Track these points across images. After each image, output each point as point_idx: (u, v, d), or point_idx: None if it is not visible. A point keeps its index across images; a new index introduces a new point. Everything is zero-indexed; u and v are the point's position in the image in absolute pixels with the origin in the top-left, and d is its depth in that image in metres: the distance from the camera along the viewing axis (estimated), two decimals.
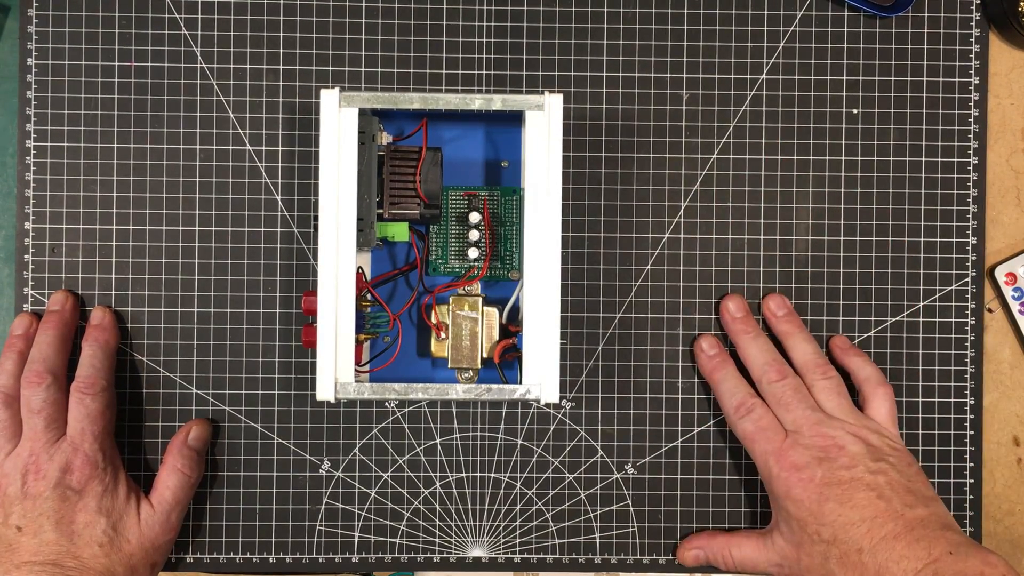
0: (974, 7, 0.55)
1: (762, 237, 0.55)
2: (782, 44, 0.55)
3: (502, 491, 0.55)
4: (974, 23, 0.55)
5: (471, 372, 0.51)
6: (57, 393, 0.49)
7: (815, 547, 0.47)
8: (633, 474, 0.55)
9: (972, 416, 0.55)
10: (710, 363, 0.53)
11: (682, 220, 0.55)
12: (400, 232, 0.50)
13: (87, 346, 0.51)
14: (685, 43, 0.55)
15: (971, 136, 0.55)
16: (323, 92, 0.46)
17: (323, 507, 0.54)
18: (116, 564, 0.48)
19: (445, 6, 0.54)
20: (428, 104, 0.47)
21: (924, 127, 0.55)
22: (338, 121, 0.46)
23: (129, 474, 0.51)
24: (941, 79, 0.55)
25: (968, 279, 0.55)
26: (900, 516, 0.45)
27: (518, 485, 0.55)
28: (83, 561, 0.47)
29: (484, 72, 0.54)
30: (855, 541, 0.45)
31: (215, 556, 0.54)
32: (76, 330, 0.53)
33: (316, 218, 0.47)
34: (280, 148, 0.54)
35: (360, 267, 0.48)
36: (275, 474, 0.54)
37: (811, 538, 0.47)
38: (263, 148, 0.54)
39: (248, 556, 0.54)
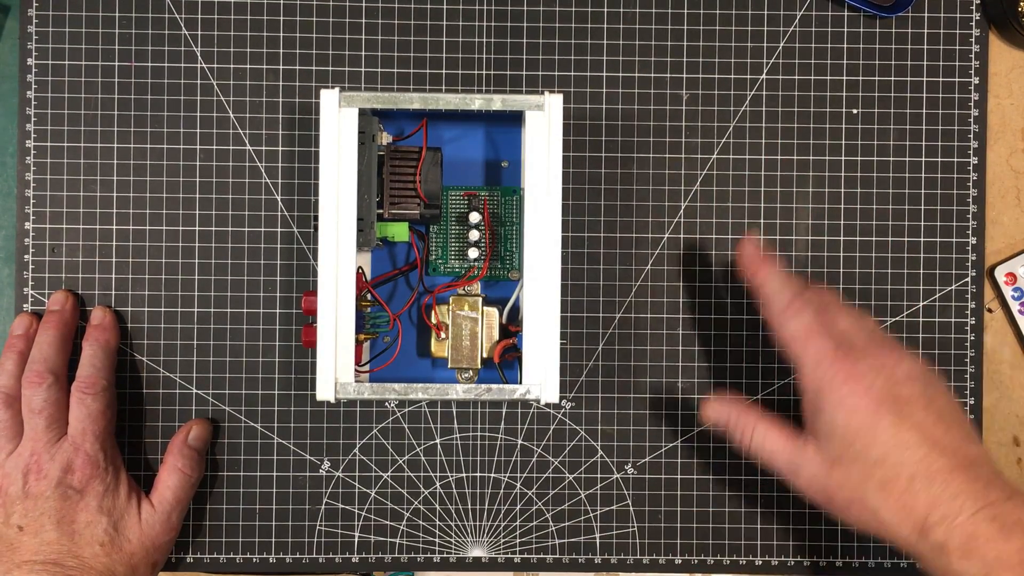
0: (974, 7, 0.55)
1: (762, 237, 0.55)
2: (782, 44, 0.55)
3: (502, 491, 0.55)
4: (974, 23, 0.55)
5: (471, 372, 0.51)
6: (58, 393, 0.49)
7: (854, 465, 0.42)
8: (633, 474, 0.55)
9: (972, 416, 0.55)
10: (755, 261, 0.48)
11: (682, 220, 0.55)
12: (400, 232, 0.50)
13: (87, 346, 0.51)
14: (685, 43, 0.55)
15: (971, 136, 0.55)
16: (323, 92, 0.46)
17: (323, 507, 0.54)
18: (117, 563, 0.48)
19: (445, 6, 0.54)
20: (428, 104, 0.47)
21: (924, 127, 0.55)
22: (338, 121, 0.46)
23: (130, 474, 0.51)
24: (941, 79, 0.55)
25: (968, 279, 0.55)
26: (958, 449, 0.41)
27: (518, 485, 0.55)
28: (84, 560, 0.47)
29: (484, 72, 0.54)
30: (908, 466, 0.41)
31: (215, 556, 0.54)
32: (76, 330, 0.53)
33: (316, 218, 0.47)
34: (280, 148, 0.54)
35: (360, 267, 0.48)
36: (275, 474, 0.54)
37: (855, 455, 0.42)
38: (263, 148, 0.54)
39: (248, 556, 0.54)
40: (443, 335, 0.51)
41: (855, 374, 0.43)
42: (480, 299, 0.51)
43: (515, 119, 0.53)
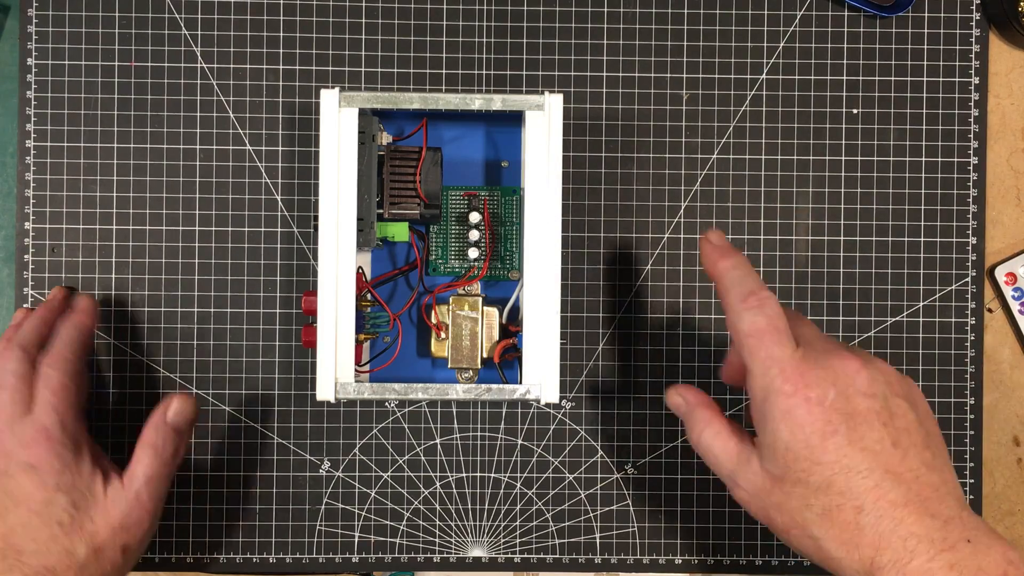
0: (974, 7, 0.55)
1: (762, 237, 0.55)
2: (782, 44, 0.55)
3: (502, 491, 0.55)
4: (974, 23, 0.55)
5: (471, 372, 0.51)
6: (25, 368, 0.47)
7: (796, 488, 0.38)
8: (633, 474, 0.55)
9: (972, 416, 0.55)
10: (715, 251, 0.42)
11: (682, 220, 0.55)
12: (400, 232, 0.50)
13: (60, 325, 0.49)
14: (685, 43, 0.55)
15: (971, 136, 0.55)
16: (323, 92, 0.46)
17: (323, 507, 0.54)
18: (78, 544, 0.45)
19: (445, 6, 0.54)
20: (428, 104, 0.47)
21: (924, 127, 0.55)
22: (338, 121, 0.46)
23: (105, 455, 0.49)
24: (941, 79, 0.55)
25: (968, 279, 0.55)
26: (917, 478, 0.37)
27: (518, 485, 0.55)
28: (40, 544, 0.44)
29: (484, 72, 0.54)
30: (855, 495, 0.36)
31: (215, 556, 0.54)
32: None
33: (316, 218, 0.47)
34: (280, 148, 0.54)
35: (360, 267, 0.48)
36: (275, 474, 0.54)
37: (797, 477, 0.37)
38: (263, 148, 0.54)
39: (248, 556, 0.54)
40: (443, 335, 0.51)
41: (807, 382, 0.38)
42: (480, 299, 0.51)
43: (515, 119, 0.53)
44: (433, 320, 0.51)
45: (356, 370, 0.47)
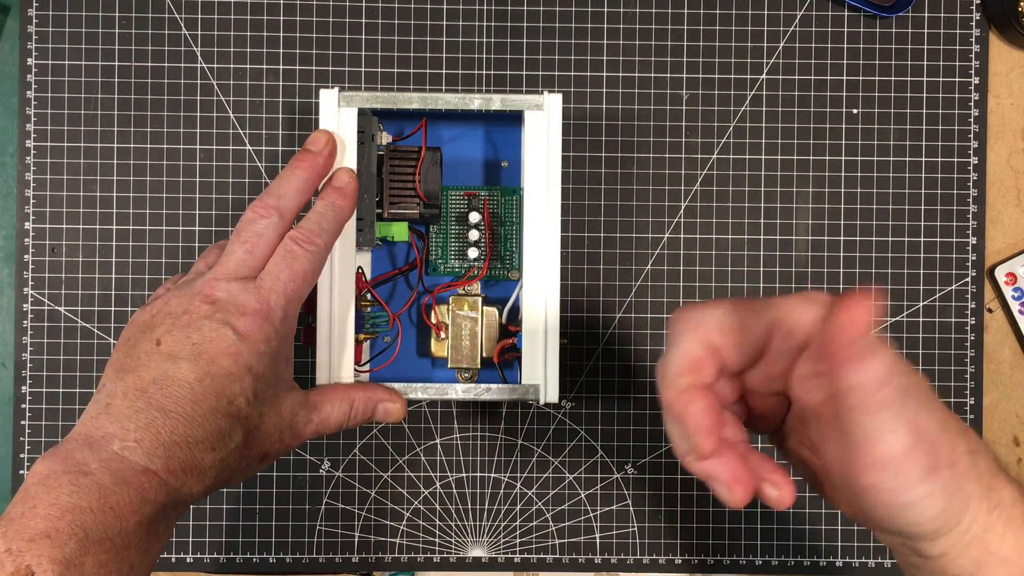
0: (974, 7, 0.55)
1: (762, 237, 0.55)
2: (782, 44, 0.55)
3: (502, 491, 0.55)
4: (974, 23, 0.55)
5: (471, 372, 0.51)
6: (274, 236, 0.42)
7: None
8: (633, 474, 0.55)
9: (972, 416, 0.55)
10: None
11: (682, 220, 0.55)
12: (400, 232, 0.50)
13: (320, 202, 0.44)
14: (685, 43, 0.55)
15: (971, 136, 0.55)
16: (323, 92, 0.46)
17: (323, 507, 0.54)
18: (235, 431, 0.39)
19: (445, 6, 0.54)
20: (428, 104, 0.47)
21: (924, 127, 0.55)
22: (337, 121, 0.46)
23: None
24: (941, 79, 0.55)
25: (968, 279, 0.55)
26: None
27: (518, 485, 0.55)
28: (197, 410, 0.38)
29: (484, 72, 0.54)
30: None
31: (215, 556, 0.54)
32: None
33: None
34: (280, 148, 0.54)
35: (360, 267, 0.48)
36: (275, 474, 0.54)
37: None
38: (263, 148, 0.54)
39: (248, 556, 0.54)
40: (443, 335, 0.51)
41: None
42: (480, 299, 0.51)
43: (515, 119, 0.53)
44: (433, 320, 0.51)
45: (356, 370, 0.47)
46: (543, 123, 0.47)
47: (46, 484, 0.35)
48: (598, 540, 0.55)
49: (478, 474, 0.55)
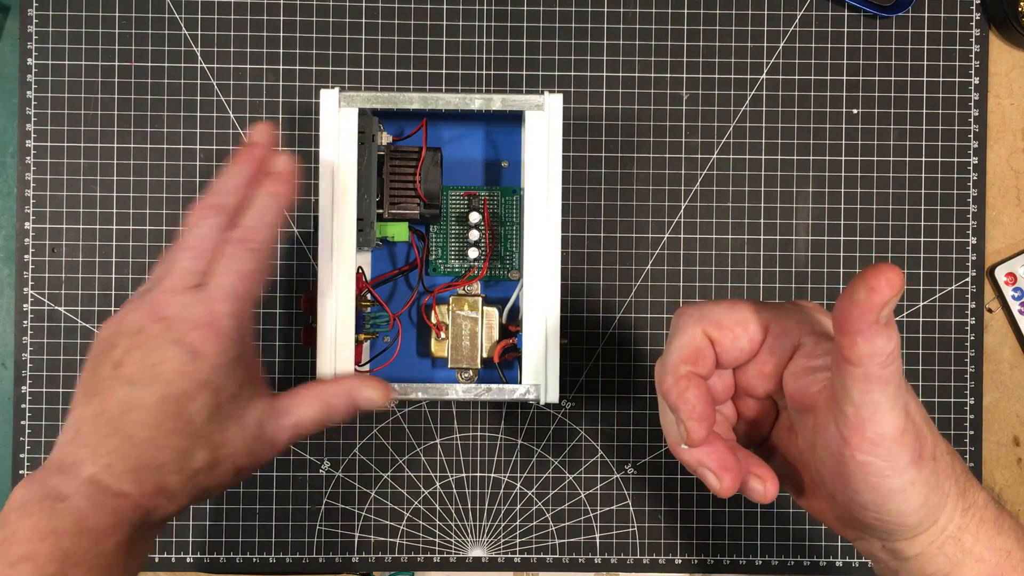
0: (974, 7, 0.55)
1: (762, 237, 0.55)
2: (782, 44, 0.55)
3: (502, 491, 0.55)
4: (974, 23, 0.55)
5: (471, 372, 0.51)
6: (217, 236, 0.41)
7: None
8: (633, 474, 0.55)
9: (972, 416, 0.55)
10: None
11: (682, 220, 0.55)
12: (400, 232, 0.50)
13: (261, 194, 0.42)
14: (685, 43, 0.55)
15: (971, 136, 0.55)
16: (323, 92, 0.46)
17: (323, 507, 0.54)
18: (198, 449, 0.39)
19: (445, 6, 0.54)
20: (428, 104, 0.47)
21: (924, 127, 0.55)
22: (338, 121, 0.46)
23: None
24: (941, 79, 0.55)
25: (968, 279, 0.55)
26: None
27: (518, 485, 0.55)
28: (157, 433, 0.38)
29: (484, 72, 0.54)
30: None
31: (215, 556, 0.54)
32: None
33: (316, 218, 0.47)
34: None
35: (360, 267, 0.48)
36: (275, 474, 0.54)
37: None
38: None
39: (248, 556, 0.54)
40: (443, 335, 0.51)
41: None
42: (480, 299, 0.51)
43: (515, 119, 0.53)
44: (433, 320, 0.51)
45: (356, 370, 0.47)
46: (543, 123, 0.47)
47: (24, 510, 0.36)
48: (598, 540, 0.55)
49: (478, 474, 0.55)
